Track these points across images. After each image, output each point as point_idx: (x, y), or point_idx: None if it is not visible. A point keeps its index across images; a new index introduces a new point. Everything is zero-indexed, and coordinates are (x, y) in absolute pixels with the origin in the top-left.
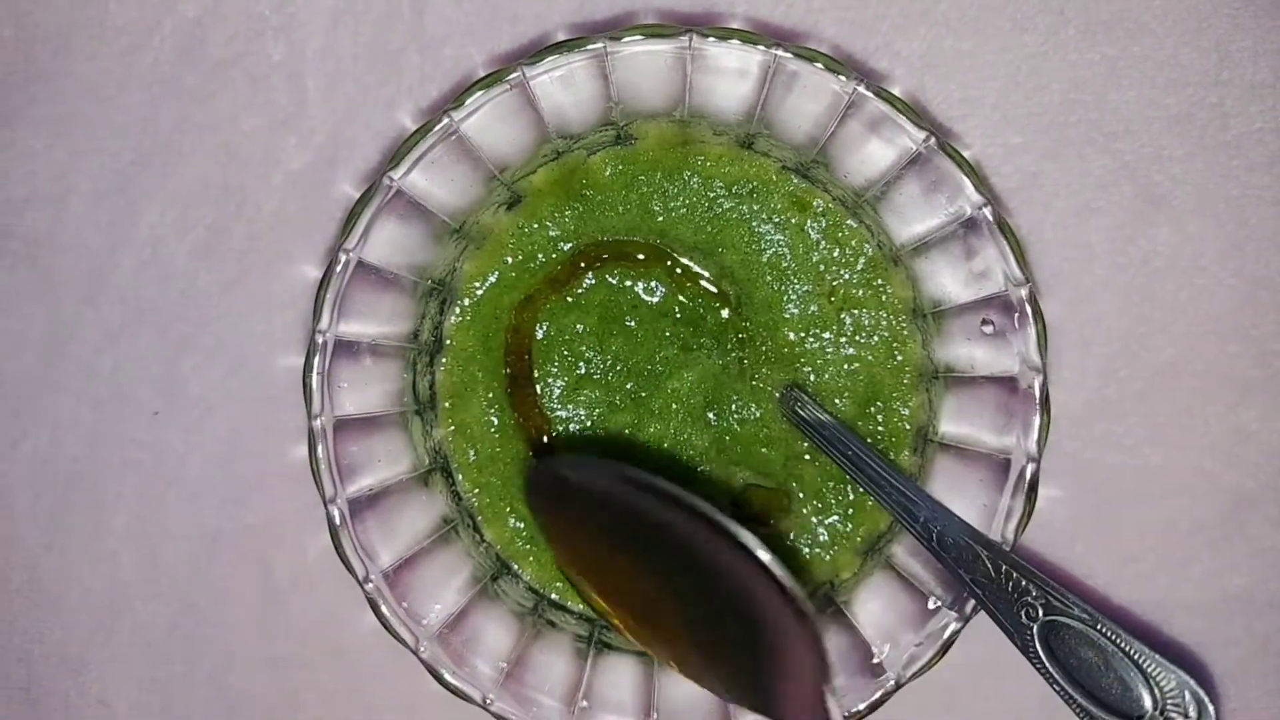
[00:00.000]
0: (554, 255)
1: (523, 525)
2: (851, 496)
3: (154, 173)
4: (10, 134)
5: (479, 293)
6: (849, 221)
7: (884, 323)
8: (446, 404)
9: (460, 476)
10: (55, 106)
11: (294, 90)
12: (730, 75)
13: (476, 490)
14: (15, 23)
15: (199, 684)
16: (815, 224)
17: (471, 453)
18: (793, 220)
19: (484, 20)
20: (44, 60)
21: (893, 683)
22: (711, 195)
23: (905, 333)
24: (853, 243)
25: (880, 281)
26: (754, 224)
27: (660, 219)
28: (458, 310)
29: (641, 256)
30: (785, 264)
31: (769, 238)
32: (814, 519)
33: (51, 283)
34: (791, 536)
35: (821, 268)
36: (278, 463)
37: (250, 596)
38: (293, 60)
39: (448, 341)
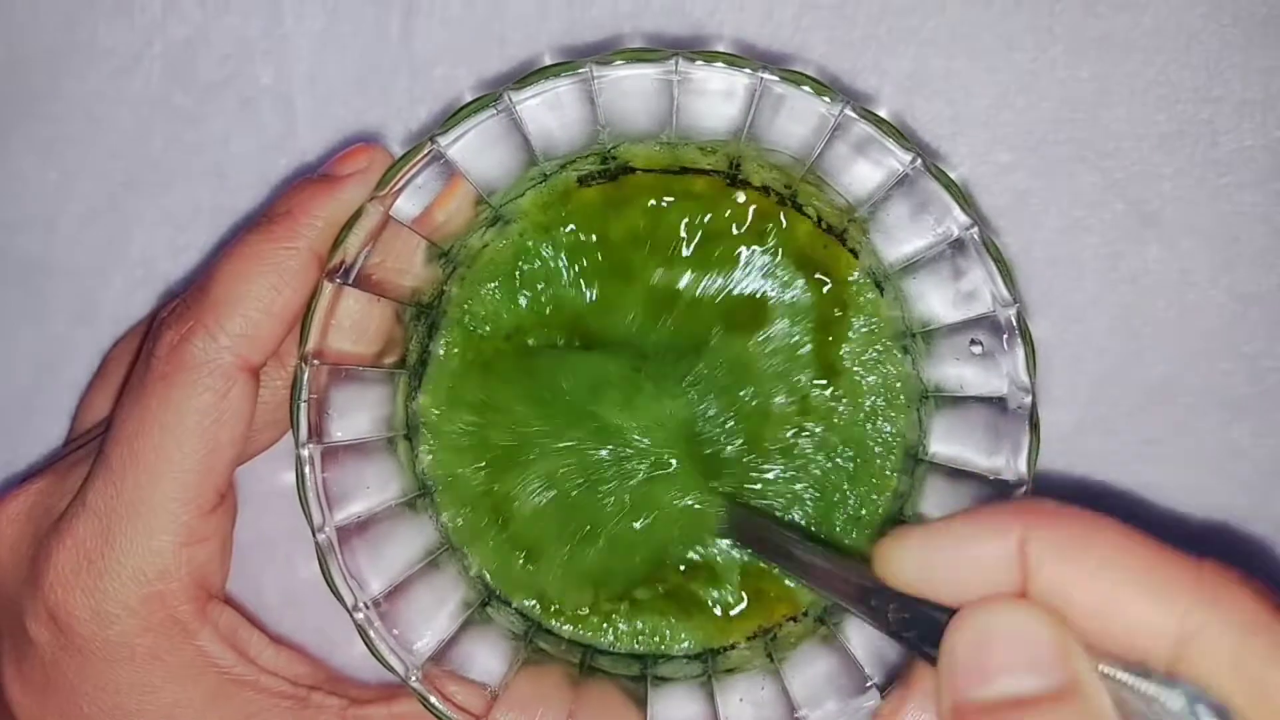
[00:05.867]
0: None
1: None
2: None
3: (146, 194)
4: (1, 156)
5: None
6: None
7: (871, 351)
8: None
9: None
10: (46, 128)
11: (283, 113)
12: (717, 98)
13: (459, 518)
14: (5, 45)
15: None
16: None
17: None
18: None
19: (473, 42)
20: (34, 82)
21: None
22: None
23: (894, 353)
24: (839, 264)
25: (869, 296)
26: (738, 260)
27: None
28: (445, 334)
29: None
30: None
31: (751, 271)
32: None
33: (43, 304)
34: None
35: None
36: (268, 481)
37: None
38: (281, 83)
39: None
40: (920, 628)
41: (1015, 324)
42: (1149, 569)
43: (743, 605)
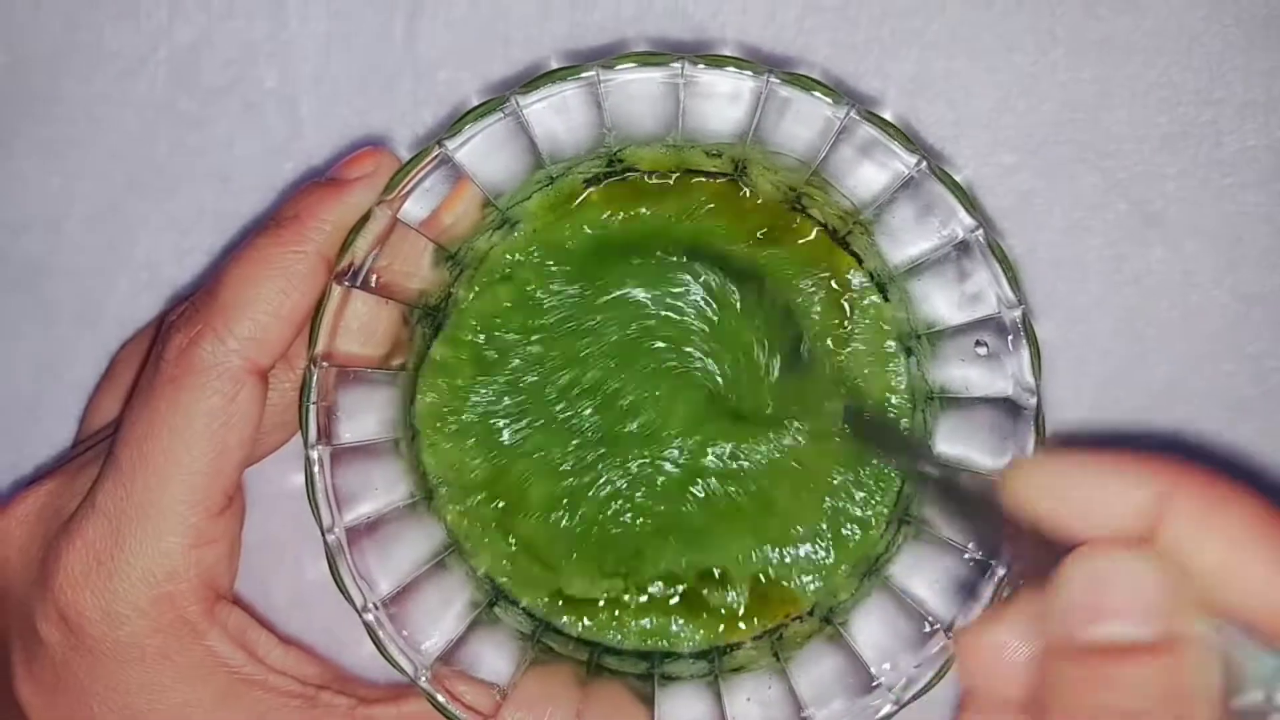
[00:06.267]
0: None
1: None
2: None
3: (150, 197)
4: (5, 158)
5: None
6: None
7: (876, 352)
8: None
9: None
10: (50, 131)
11: (288, 116)
12: (722, 101)
13: (465, 518)
14: (9, 48)
15: None
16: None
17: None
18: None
19: (477, 45)
20: (38, 85)
21: (891, 705)
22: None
23: (898, 355)
24: (842, 267)
25: (873, 299)
26: (740, 263)
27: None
28: (447, 332)
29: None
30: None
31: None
32: (796, 549)
33: (47, 306)
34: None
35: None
36: (276, 483)
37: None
38: (286, 86)
39: None
40: (1031, 555)
41: (1020, 325)
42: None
43: (747, 604)
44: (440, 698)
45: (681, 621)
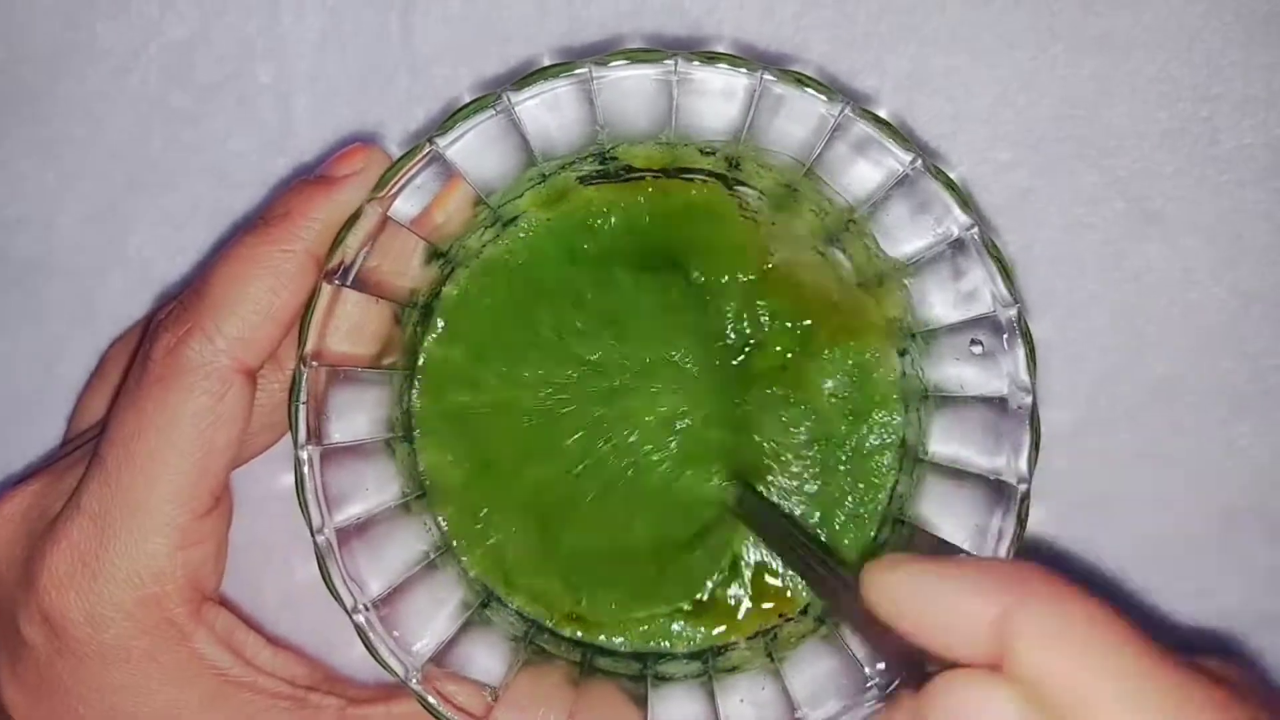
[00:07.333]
0: None
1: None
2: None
3: (144, 194)
4: None
5: None
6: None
7: (870, 351)
8: None
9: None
10: (45, 128)
11: (283, 112)
12: (716, 98)
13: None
14: (7, 47)
15: None
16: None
17: None
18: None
19: (472, 42)
20: (33, 82)
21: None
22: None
23: (893, 353)
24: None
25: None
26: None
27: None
28: (442, 331)
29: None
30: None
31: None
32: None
33: (42, 304)
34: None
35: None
36: (266, 484)
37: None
38: (281, 82)
39: None
40: (902, 663)
41: (1015, 324)
42: (1130, 676)
43: (743, 603)
44: (431, 699)
45: (676, 620)
